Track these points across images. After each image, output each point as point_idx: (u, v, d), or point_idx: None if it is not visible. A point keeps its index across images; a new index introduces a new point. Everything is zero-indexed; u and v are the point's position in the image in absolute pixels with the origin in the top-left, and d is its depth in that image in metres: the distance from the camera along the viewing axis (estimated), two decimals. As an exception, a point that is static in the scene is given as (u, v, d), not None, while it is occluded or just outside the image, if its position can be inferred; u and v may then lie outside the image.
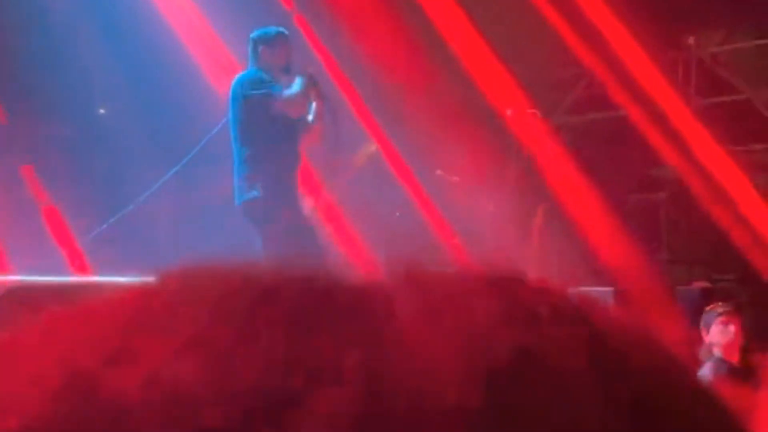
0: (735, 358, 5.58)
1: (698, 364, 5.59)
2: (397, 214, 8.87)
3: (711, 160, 9.38)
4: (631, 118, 9.74)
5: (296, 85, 5.92)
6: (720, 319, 5.60)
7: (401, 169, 8.88)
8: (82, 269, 7.69)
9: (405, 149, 8.41)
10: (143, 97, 8.79)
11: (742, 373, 5.52)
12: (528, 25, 9.47)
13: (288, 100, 5.87)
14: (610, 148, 9.97)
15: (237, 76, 6.11)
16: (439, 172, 9.21)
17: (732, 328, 5.58)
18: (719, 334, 5.58)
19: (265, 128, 5.88)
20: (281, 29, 6.23)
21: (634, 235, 9.75)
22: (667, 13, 9.07)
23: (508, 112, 8.09)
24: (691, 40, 9.86)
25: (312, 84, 6.02)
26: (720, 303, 5.76)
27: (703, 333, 5.64)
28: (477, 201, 9.61)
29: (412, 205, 9.00)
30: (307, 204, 6.38)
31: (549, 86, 10.28)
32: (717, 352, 5.55)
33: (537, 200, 8.90)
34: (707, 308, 5.75)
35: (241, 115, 5.97)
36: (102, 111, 9.65)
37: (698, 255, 9.44)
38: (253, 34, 6.18)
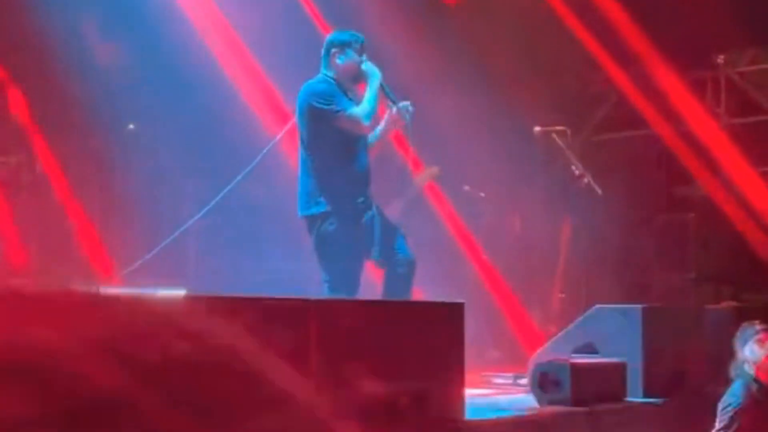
0: (765, 377, 5.52)
1: (728, 381, 5.54)
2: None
3: (740, 180, 9.34)
4: (659, 136, 9.73)
5: (368, 101, 5.69)
6: (758, 336, 5.54)
7: (428, 185, 8.88)
8: (110, 280, 7.73)
9: (432, 164, 8.41)
10: (175, 114, 8.85)
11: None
12: (558, 42, 9.49)
13: (355, 119, 5.64)
14: (638, 167, 9.95)
15: (306, 83, 5.85)
16: (466, 187, 9.22)
17: None
18: (756, 352, 5.52)
19: (333, 140, 5.68)
20: (357, 34, 5.94)
21: (662, 253, 9.71)
22: (696, 32, 9.06)
23: (536, 129, 8.07)
24: (720, 59, 9.83)
25: (384, 94, 5.79)
26: (758, 321, 5.69)
27: (737, 349, 5.58)
28: (504, 217, 9.62)
29: (439, 221, 9.00)
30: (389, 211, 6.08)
31: (578, 103, 10.28)
32: (749, 369, 5.49)
33: (564, 216, 8.88)
34: (745, 324, 5.67)
35: (308, 125, 5.75)
36: (131, 126, 9.70)
37: (726, 275, 9.39)
38: (327, 37, 5.98)
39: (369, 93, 5.72)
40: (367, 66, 5.80)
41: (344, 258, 5.66)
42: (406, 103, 5.88)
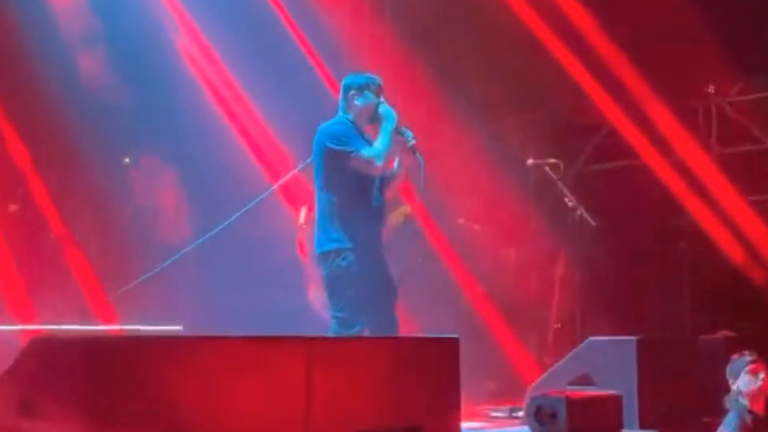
0: (760, 407, 5.55)
1: (723, 412, 5.57)
2: (419, 260, 8.91)
3: (732, 209, 9.39)
4: (651, 166, 9.78)
5: (381, 142, 5.76)
6: (750, 367, 5.57)
7: (423, 217, 8.93)
8: (108, 319, 7.75)
9: (427, 197, 8.47)
10: (170, 148, 8.90)
11: (766, 422, 5.50)
12: (549, 74, 9.56)
13: (368, 160, 5.71)
14: (630, 197, 9.99)
15: (322, 125, 5.92)
16: (461, 220, 9.27)
17: (762, 376, 5.56)
18: (749, 383, 5.54)
19: (347, 180, 5.76)
20: (374, 77, 6.05)
21: (656, 283, 9.74)
22: (687, 62, 9.13)
23: (529, 162, 8.13)
24: (710, 89, 9.90)
25: (399, 135, 5.84)
26: (747, 351, 5.72)
27: (730, 381, 5.61)
28: (499, 249, 9.66)
29: (434, 253, 9.03)
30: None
31: (570, 135, 10.34)
32: (743, 400, 5.51)
33: (559, 248, 8.92)
34: (734, 356, 5.71)
35: (323, 165, 5.82)
36: (127, 160, 9.76)
37: (721, 304, 9.41)
38: (345, 79, 6.07)
39: (383, 134, 5.80)
40: (384, 108, 5.89)
41: (354, 293, 5.69)
42: (407, 129, 5.93)
